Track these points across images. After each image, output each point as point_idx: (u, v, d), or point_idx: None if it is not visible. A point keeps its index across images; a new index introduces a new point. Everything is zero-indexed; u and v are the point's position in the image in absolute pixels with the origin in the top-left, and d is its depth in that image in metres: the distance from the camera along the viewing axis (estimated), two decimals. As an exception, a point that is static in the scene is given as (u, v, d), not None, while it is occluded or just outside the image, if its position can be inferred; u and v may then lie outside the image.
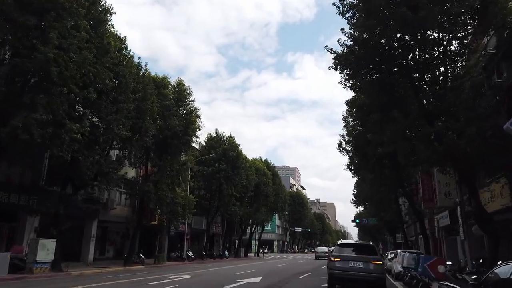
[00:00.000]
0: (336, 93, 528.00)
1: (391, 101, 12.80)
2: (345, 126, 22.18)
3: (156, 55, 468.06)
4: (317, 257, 49.08)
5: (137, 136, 21.33)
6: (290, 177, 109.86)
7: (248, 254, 56.68)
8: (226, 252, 43.62)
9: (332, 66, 13.61)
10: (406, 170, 23.16)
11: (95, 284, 13.11)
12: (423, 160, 11.92)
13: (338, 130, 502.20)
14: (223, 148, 37.27)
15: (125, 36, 20.04)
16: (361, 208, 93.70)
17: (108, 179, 20.17)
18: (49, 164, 20.83)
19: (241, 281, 13.48)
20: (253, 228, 53.52)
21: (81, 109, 17.52)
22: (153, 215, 28.72)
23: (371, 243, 12.78)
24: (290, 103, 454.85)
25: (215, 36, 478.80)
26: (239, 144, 39.42)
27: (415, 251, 19.28)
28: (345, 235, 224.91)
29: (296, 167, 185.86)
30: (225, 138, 38.98)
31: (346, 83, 13.25)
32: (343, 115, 22.62)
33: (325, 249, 54.47)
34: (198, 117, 27.12)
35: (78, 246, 25.15)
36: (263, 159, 53.72)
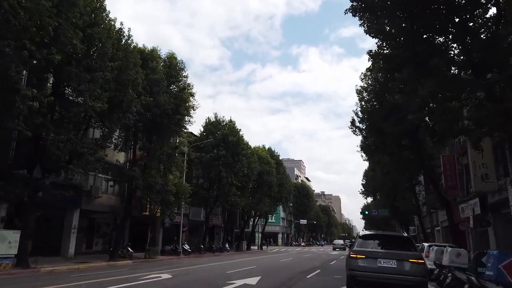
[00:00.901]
0: (341, 86, 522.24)
1: (428, 50, 9.74)
2: (359, 100, 19.06)
3: (161, 49, 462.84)
4: (334, 248, 60.15)
5: (119, 112, 18.46)
6: (295, 168, 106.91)
7: (251, 247, 54.07)
8: (227, 245, 40.90)
9: (349, 9, 10.54)
10: (428, 151, 20.14)
11: (47, 286, 10.33)
12: (477, 123, 8.83)
13: (343, 123, 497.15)
14: (223, 133, 34.35)
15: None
16: (369, 200, 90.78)
17: (84, 162, 17.31)
18: (17, 144, 18.03)
19: (234, 283, 10.63)
20: (256, 220, 50.76)
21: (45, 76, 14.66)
22: (143, 204, 25.93)
23: (405, 234, 9.25)
24: (294, 96, 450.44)
25: (219, 29, 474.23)
26: (240, 130, 36.50)
27: (448, 244, 16.25)
28: (350, 228, 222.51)
29: (301, 160, 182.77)
30: (224, 123, 36.04)
31: (368, 27, 10.14)
32: (357, 89, 19.53)
33: (340, 241, 67.61)
34: (192, 95, 24.17)
35: (58, 239, 22.46)
36: (267, 147, 50.76)
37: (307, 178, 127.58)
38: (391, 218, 68.91)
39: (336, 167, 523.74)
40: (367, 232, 9.80)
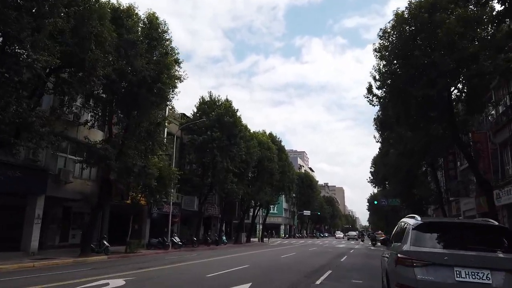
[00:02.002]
0: (344, 77, 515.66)
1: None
2: (379, 58, 15.24)
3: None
4: (348, 239, 69.77)
5: (79, 74, 14.89)
6: (299, 158, 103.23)
7: (251, 239, 50.76)
8: (224, 238, 37.55)
9: None
10: (464, 124, 16.43)
11: None
12: None
13: (346, 115, 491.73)
14: (218, 113, 30.69)
15: None
16: (375, 191, 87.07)
17: (34, 135, 13.76)
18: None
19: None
20: (256, 211, 47.33)
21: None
22: (119, 190, 22.46)
23: (495, 223, 5.02)
24: (297, 88, 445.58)
25: (222, 20, 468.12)
26: (237, 110, 32.82)
27: None
28: (354, 220, 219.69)
29: (304, 151, 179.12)
30: (220, 103, 32.36)
31: None
32: (376, 48, 15.73)
33: (354, 233, 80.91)
34: (177, 62, 20.49)
35: (19, 231, 19.05)
36: (268, 133, 47.08)
37: (310, 169, 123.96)
38: (401, 208, 65.36)
39: (339, 159, 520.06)
40: (429, 220, 5.78)
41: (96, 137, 21.04)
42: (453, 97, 15.56)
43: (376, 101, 16.62)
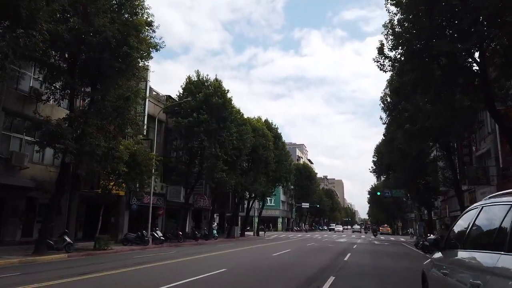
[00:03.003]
0: (343, 70, 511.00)
1: None
2: (394, 6, 11.99)
3: (161, 32, 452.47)
4: (353, 231, 79.10)
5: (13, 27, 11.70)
6: (297, 149, 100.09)
7: (246, 233, 47.85)
8: (215, 232, 34.50)
9: None
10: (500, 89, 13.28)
11: None
12: None
13: (345, 108, 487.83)
14: (205, 94, 27.48)
15: None
16: (376, 183, 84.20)
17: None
18: None
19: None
20: (251, 203, 44.30)
21: None
22: (79, 176, 19.37)
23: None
24: (296, 81, 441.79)
25: (221, 12, 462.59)
26: (228, 91, 29.59)
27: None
28: (353, 213, 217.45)
29: (303, 144, 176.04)
30: (209, 83, 29.10)
31: None
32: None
33: (358, 226, 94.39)
34: (149, 24, 17.25)
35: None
36: (264, 119, 43.87)
37: (309, 160, 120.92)
38: (402, 201, 62.50)
39: (338, 152, 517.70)
40: None
41: (61, 116, 17.88)
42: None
43: (389, 65, 13.45)
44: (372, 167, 43.99)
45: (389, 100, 22.87)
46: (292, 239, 38.75)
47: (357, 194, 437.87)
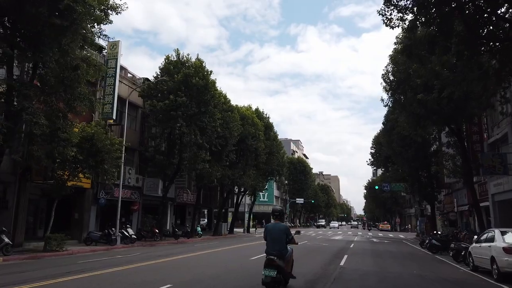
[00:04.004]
0: (339, 66, 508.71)
1: None
2: None
3: (157, 28, 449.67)
4: (351, 227, 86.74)
5: None
6: (292, 143, 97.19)
7: (235, 230, 45.00)
8: (199, 229, 31.55)
9: None
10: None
11: None
12: None
13: (342, 104, 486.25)
14: (184, 74, 24.37)
15: None
16: (373, 177, 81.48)
17: None
18: None
19: None
20: (240, 197, 41.37)
21: None
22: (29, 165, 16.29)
23: None
24: (293, 77, 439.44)
25: (217, 7, 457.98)
26: (211, 72, 26.48)
27: None
28: (349, 209, 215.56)
29: (299, 140, 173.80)
30: (190, 63, 25.94)
31: None
32: None
33: (355, 222, 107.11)
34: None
35: None
36: (254, 108, 40.82)
37: (304, 155, 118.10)
38: (402, 195, 59.76)
39: (335, 148, 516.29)
40: None
41: None
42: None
43: (398, 18, 10.44)
44: (369, 159, 41.17)
45: (391, 78, 19.91)
46: (284, 236, 35.81)
47: (353, 190, 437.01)
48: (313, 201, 76.73)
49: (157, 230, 24.79)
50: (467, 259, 12.82)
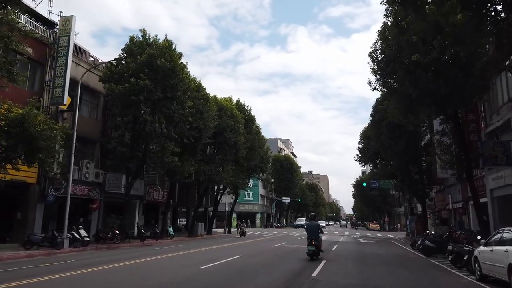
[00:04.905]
0: (329, 67, 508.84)
1: None
2: None
3: (147, 27, 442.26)
4: (341, 226, 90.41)
5: None
6: (279, 141, 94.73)
7: (215, 230, 42.41)
8: (171, 230, 28.75)
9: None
10: None
11: None
12: None
13: (331, 104, 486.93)
14: (148, 55, 21.58)
15: None
16: (361, 175, 79.56)
17: None
18: None
19: None
20: (219, 196, 38.69)
21: None
22: None
23: None
24: (283, 77, 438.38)
25: (207, 6, 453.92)
26: (181, 56, 23.74)
27: None
28: (338, 209, 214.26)
29: (288, 139, 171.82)
30: (157, 45, 23.09)
31: None
32: None
33: (344, 222, 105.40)
34: None
35: None
36: (235, 100, 38.19)
37: (292, 153, 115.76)
38: (390, 193, 57.76)
39: (324, 148, 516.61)
40: None
41: None
42: None
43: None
44: (357, 155, 38.78)
45: (380, 58, 17.43)
46: (263, 237, 33.29)
47: (343, 190, 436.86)
48: (299, 200, 74.30)
49: (117, 232, 21.95)
50: (472, 265, 10.34)
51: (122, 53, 23.06)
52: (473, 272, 10.41)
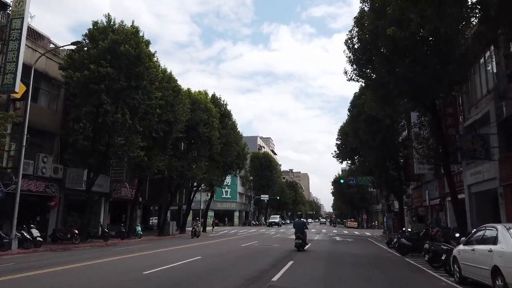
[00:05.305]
0: (311, 66, 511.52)
1: None
2: None
3: (128, 23, 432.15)
4: (320, 223, 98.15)
5: None
6: (259, 138, 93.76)
7: (188, 228, 40.87)
8: (139, 229, 27.22)
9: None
10: None
11: None
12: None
13: (314, 104, 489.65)
14: (111, 40, 20.01)
15: None
16: (340, 172, 79.44)
17: None
18: None
19: None
20: (193, 193, 37.31)
21: None
22: None
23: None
24: (265, 76, 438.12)
25: (189, 3, 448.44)
26: (149, 43, 22.28)
27: None
28: (318, 207, 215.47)
29: (269, 137, 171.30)
30: (121, 31, 21.48)
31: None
32: None
33: (323, 220, 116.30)
34: None
35: None
36: (211, 94, 36.83)
37: (273, 151, 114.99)
38: (369, 191, 57.58)
39: (306, 147, 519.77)
40: None
41: None
42: None
43: None
44: (335, 151, 38.08)
45: (356, 46, 16.47)
46: (236, 236, 32.15)
47: (323, 188, 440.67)
48: (278, 198, 73.45)
49: (76, 231, 20.34)
50: (450, 265, 9.42)
51: (84, 39, 21.39)
52: (451, 273, 9.51)
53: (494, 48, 16.75)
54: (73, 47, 21.14)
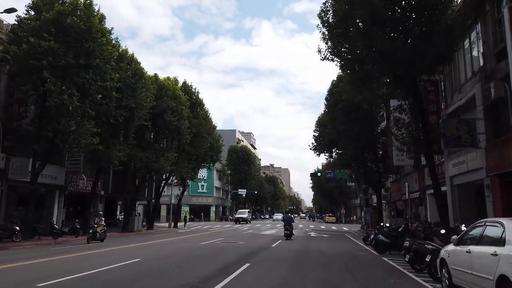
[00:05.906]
0: (293, 62, 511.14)
1: None
2: None
3: (106, 14, 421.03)
4: (300, 218, 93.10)
5: None
6: (237, 131, 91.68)
7: (159, 224, 38.76)
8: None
9: None
10: None
11: None
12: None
13: (295, 100, 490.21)
14: (57, 11, 17.56)
15: None
16: (320, 166, 78.37)
17: None
18: None
19: None
20: (162, 186, 35.11)
21: None
22: None
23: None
24: (247, 71, 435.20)
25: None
26: (104, 17, 19.90)
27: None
28: (299, 202, 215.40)
29: (251, 132, 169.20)
30: (71, 2, 18.96)
31: None
32: None
33: (304, 214, 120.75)
34: None
35: None
36: (182, 82, 34.57)
37: (252, 145, 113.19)
38: (347, 185, 56.46)
39: (287, 143, 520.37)
40: None
41: None
42: None
43: None
44: (312, 143, 36.47)
45: (331, 20, 14.64)
46: (207, 232, 30.13)
47: (304, 183, 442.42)
48: (256, 192, 71.72)
49: (17, 228, 17.94)
50: (437, 269, 7.69)
51: (27, 10, 18.83)
52: (437, 278, 7.82)
53: (481, 25, 15.40)
54: (12, 17, 18.57)
